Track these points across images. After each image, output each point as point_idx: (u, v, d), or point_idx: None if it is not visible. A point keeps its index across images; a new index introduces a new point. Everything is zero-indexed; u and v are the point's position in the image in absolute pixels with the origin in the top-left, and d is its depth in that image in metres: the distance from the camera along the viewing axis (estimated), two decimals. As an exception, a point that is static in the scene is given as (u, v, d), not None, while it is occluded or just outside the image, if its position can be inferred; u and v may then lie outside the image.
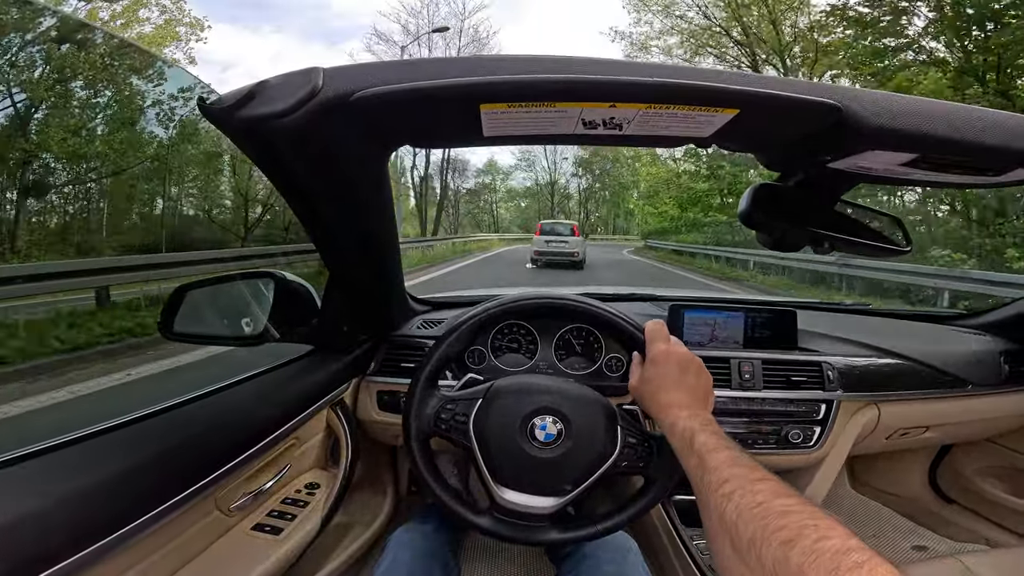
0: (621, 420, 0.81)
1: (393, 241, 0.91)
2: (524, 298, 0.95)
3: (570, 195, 46.09)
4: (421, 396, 0.84)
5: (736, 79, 0.46)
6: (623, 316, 0.89)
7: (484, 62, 0.44)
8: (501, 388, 0.83)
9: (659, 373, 0.74)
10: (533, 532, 0.79)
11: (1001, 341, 1.40)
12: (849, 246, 0.84)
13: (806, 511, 0.43)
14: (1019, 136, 0.55)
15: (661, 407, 0.70)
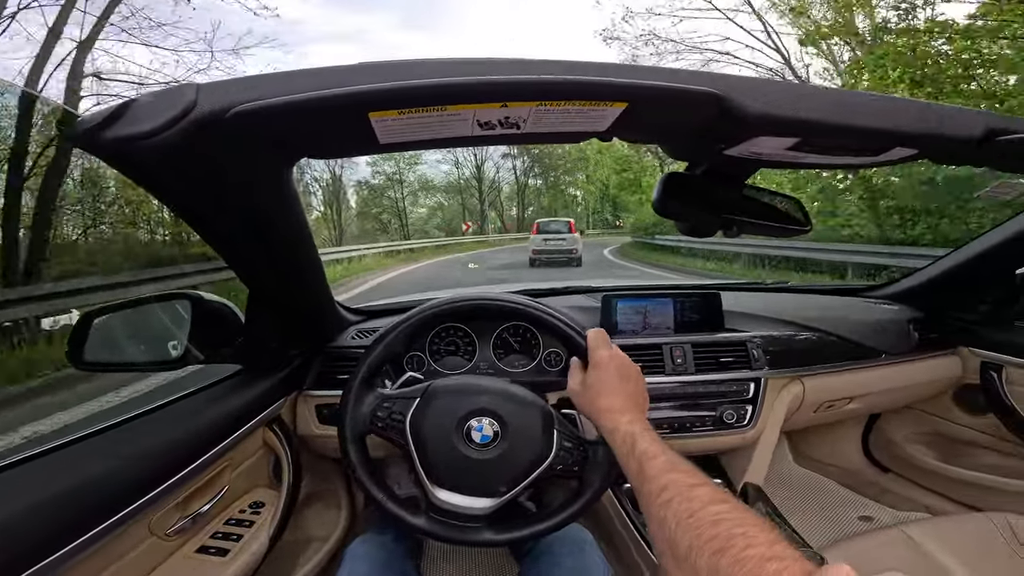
0: (558, 424, 0.82)
1: (310, 254, 0.89)
2: (459, 300, 0.94)
3: (501, 188, 39.01)
4: (357, 395, 0.84)
5: (622, 72, 0.46)
6: (566, 319, 0.89)
7: (369, 70, 0.43)
8: (439, 388, 0.83)
9: (601, 378, 0.76)
10: (467, 532, 0.80)
11: (909, 310, 1.47)
12: (755, 228, 0.88)
13: (736, 518, 0.46)
14: (892, 117, 0.60)
15: (602, 411, 0.71)
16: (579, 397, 0.77)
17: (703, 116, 0.53)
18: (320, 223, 31.13)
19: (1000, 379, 1.32)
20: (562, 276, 11.18)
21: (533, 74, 0.44)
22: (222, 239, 0.74)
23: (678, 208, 0.84)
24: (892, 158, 0.69)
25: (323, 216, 31.47)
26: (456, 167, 35.60)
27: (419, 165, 35.51)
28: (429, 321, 0.92)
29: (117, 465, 0.70)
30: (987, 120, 0.61)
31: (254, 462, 1.06)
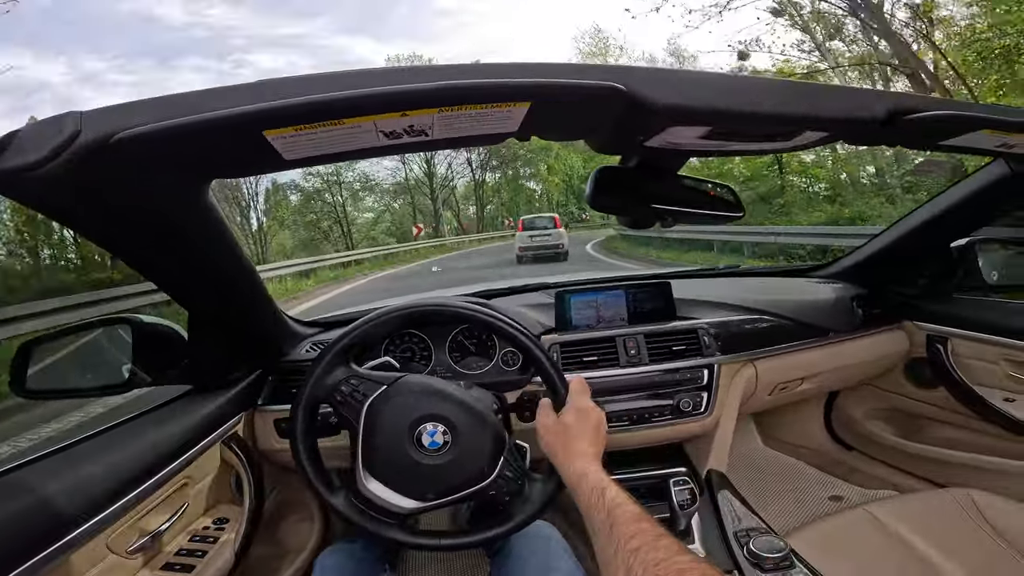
0: (507, 451, 0.82)
1: (244, 270, 0.89)
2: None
3: (455, 185, 34.70)
4: (329, 364, 0.84)
5: (522, 72, 0.47)
6: (553, 364, 0.87)
7: (259, 89, 0.43)
8: (410, 383, 0.83)
9: (579, 423, 0.77)
10: (379, 525, 0.80)
11: (852, 287, 1.50)
12: (690, 217, 0.91)
13: (700, 569, 0.50)
14: (799, 101, 0.62)
15: (575, 454, 0.73)
16: (552, 435, 0.78)
17: (612, 110, 0.55)
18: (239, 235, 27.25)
19: (946, 351, 1.35)
20: (549, 271, 10.95)
21: (429, 81, 0.45)
22: (145, 263, 0.74)
23: (611, 202, 0.86)
24: (805, 141, 0.71)
25: (240, 228, 27.07)
26: (403, 163, 30.19)
27: (358, 163, 28.79)
28: (373, 332, 0.91)
29: (69, 485, 0.71)
30: (892, 100, 0.63)
31: (215, 479, 1.06)
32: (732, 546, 0.96)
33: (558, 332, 1.26)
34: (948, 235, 1.32)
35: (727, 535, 0.99)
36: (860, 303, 1.44)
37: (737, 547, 0.94)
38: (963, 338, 1.33)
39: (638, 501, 0.63)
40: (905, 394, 1.55)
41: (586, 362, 1.19)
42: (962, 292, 1.37)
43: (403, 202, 32.22)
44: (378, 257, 17.88)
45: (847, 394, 1.73)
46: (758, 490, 1.69)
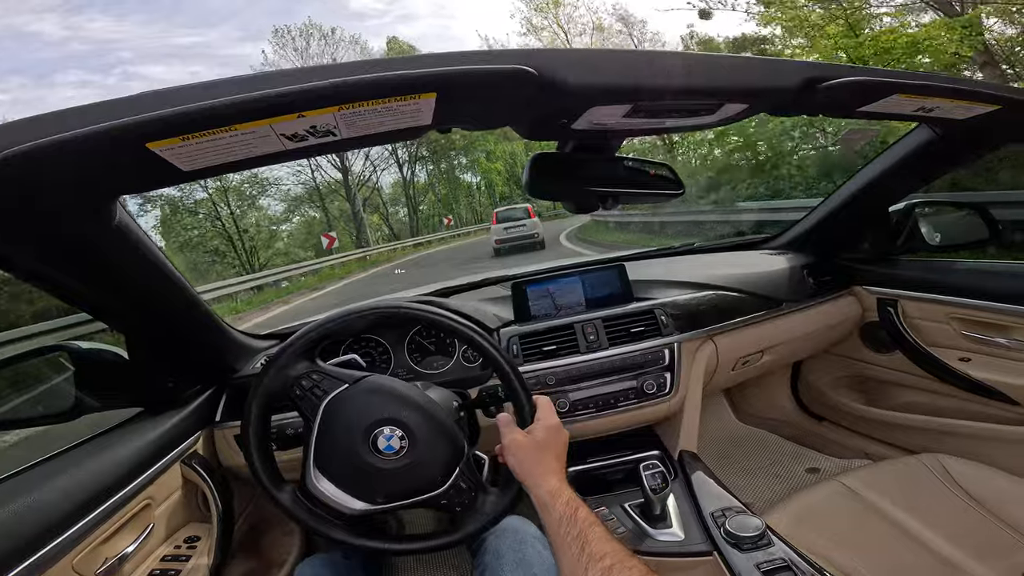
0: (463, 462, 0.81)
1: (175, 288, 0.88)
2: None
3: (381, 186, 29.66)
4: (291, 357, 0.81)
5: (422, 62, 0.47)
6: (521, 381, 0.84)
7: (139, 100, 0.43)
8: (372, 384, 0.81)
9: (551, 441, 0.77)
10: (322, 523, 0.79)
11: (801, 256, 1.53)
12: (631, 197, 0.92)
13: None
14: (715, 74, 0.63)
15: (549, 470, 0.73)
16: (524, 452, 0.76)
17: (525, 94, 0.55)
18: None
19: (897, 314, 1.38)
20: (528, 260, 10.96)
21: (320, 79, 0.44)
22: (63, 289, 0.73)
23: (550, 188, 0.86)
24: (728, 115, 0.73)
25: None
26: (308, 163, 25.03)
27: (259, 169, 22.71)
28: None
29: (23, 510, 0.70)
30: (807, 69, 0.65)
31: (179, 498, 1.05)
32: (709, 527, 0.96)
33: (518, 324, 1.27)
34: (884, 201, 1.36)
35: (703, 516, 0.99)
36: (810, 272, 1.47)
37: (714, 527, 0.95)
38: (911, 299, 1.36)
39: (605, 524, 0.66)
40: (865, 360, 1.58)
41: (546, 352, 1.19)
42: (907, 255, 1.40)
43: (312, 210, 26.65)
44: (296, 277, 14.22)
45: (811, 364, 1.76)
46: (736, 467, 1.71)
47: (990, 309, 1.19)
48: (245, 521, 1.27)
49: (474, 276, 1.57)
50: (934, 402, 1.41)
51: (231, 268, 20.96)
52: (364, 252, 19.09)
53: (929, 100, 0.77)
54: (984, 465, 1.04)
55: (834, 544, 0.92)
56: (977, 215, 1.34)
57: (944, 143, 1.08)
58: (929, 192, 1.39)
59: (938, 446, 1.23)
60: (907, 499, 1.00)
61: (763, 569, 0.83)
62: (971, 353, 1.28)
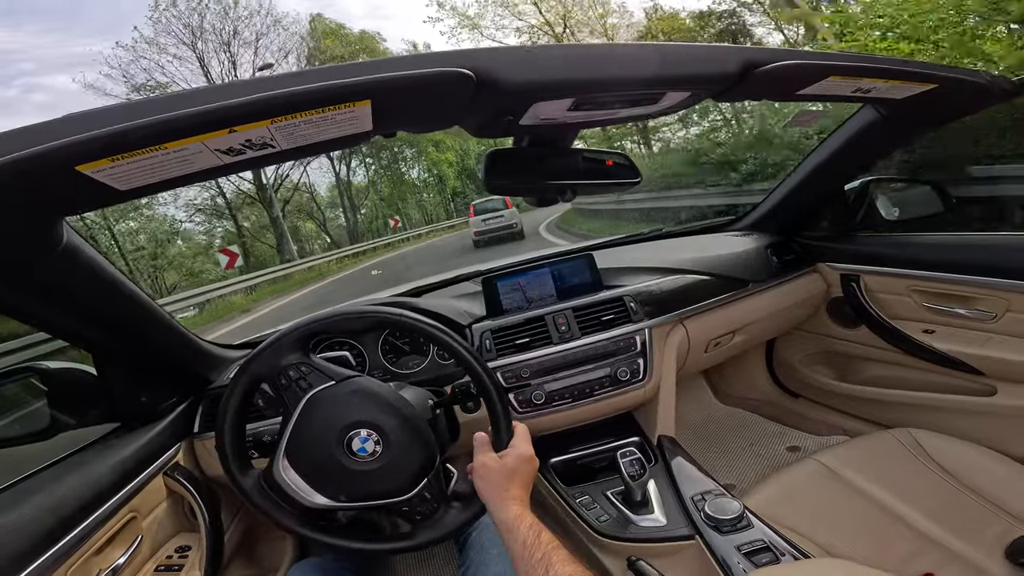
0: (432, 473, 0.82)
1: (134, 303, 0.89)
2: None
3: (315, 191, 25.79)
4: (283, 347, 0.81)
5: (352, 71, 0.48)
6: (504, 404, 0.84)
7: (64, 124, 0.43)
8: (357, 384, 0.82)
9: (521, 469, 0.78)
10: (280, 513, 0.80)
11: (764, 236, 1.56)
12: (589, 188, 0.94)
13: None
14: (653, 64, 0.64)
15: (514, 497, 0.74)
16: (493, 475, 0.77)
17: (465, 95, 0.55)
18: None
19: (859, 288, 1.42)
20: (510, 252, 10.87)
21: (245, 95, 0.45)
22: (21, 312, 0.73)
23: (508, 183, 0.87)
24: (673, 103, 0.75)
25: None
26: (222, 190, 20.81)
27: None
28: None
29: (8, 528, 0.70)
30: (743, 54, 0.67)
31: (166, 510, 1.06)
32: (690, 511, 0.97)
33: (490, 318, 1.28)
34: (838, 180, 1.39)
35: (684, 501, 1.01)
36: (774, 251, 1.49)
37: (695, 511, 0.96)
38: (872, 274, 1.39)
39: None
40: (834, 335, 1.60)
41: (519, 345, 1.21)
42: (865, 231, 1.43)
43: (219, 223, 21.97)
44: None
45: (783, 342, 1.79)
46: (718, 448, 1.74)
47: (949, 280, 1.21)
48: (237, 528, 1.28)
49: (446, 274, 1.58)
50: (902, 375, 1.43)
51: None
52: (287, 269, 15.31)
53: (865, 81, 0.80)
54: (955, 438, 1.06)
55: (812, 523, 0.94)
56: (932, 190, 1.37)
57: (888, 122, 1.10)
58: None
59: (910, 419, 1.25)
60: (882, 475, 1.02)
61: (744, 551, 0.85)
62: (935, 325, 1.30)
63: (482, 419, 1.09)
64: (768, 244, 1.51)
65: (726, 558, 0.85)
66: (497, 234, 13.37)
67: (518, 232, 13.37)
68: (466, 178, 27.88)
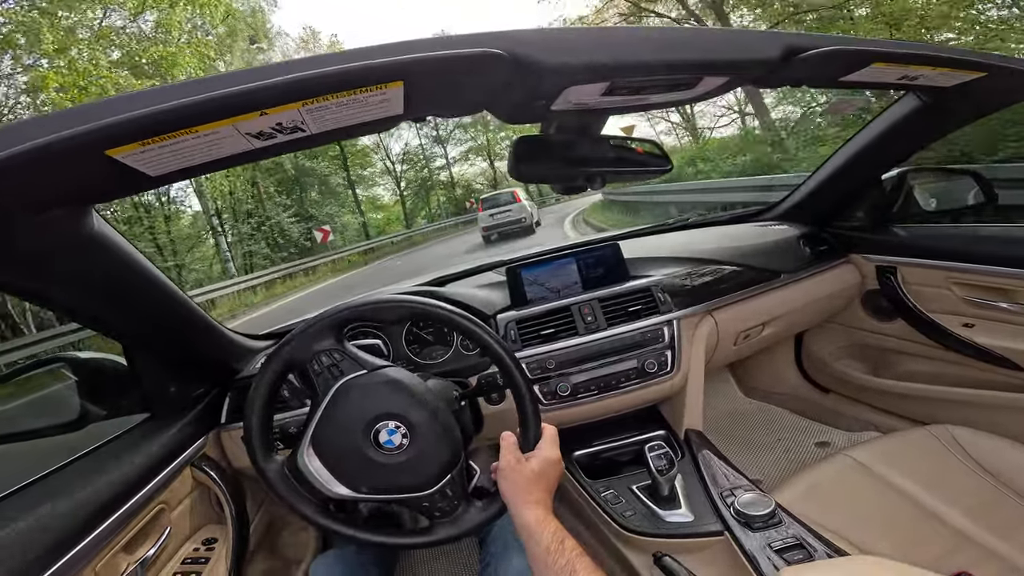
0: (456, 469, 0.81)
1: (165, 293, 0.89)
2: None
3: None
4: (320, 331, 0.81)
5: (385, 51, 0.47)
6: (534, 401, 0.83)
7: (96, 108, 0.42)
8: (389, 376, 0.81)
9: (546, 472, 0.78)
10: (300, 502, 0.80)
11: (796, 227, 1.52)
12: (618, 176, 0.92)
13: None
14: (693, 48, 0.62)
15: (538, 500, 0.74)
16: (517, 476, 0.77)
17: (499, 78, 0.54)
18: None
19: (896, 281, 1.37)
20: (522, 246, 10.69)
21: (277, 76, 0.44)
22: (52, 302, 0.74)
23: (535, 171, 0.86)
24: (709, 88, 0.72)
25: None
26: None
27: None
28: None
29: (41, 520, 0.71)
30: (785, 40, 0.65)
31: (194, 501, 1.06)
32: (719, 506, 0.95)
33: (515, 309, 1.27)
34: (876, 169, 1.35)
35: (712, 496, 0.99)
36: (806, 242, 1.46)
37: (724, 507, 0.94)
38: (911, 266, 1.34)
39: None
40: (867, 329, 1.56)
41: (544, 335, 1.19)
42: (902, 221, 1.39)
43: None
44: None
45: (813, 335, 1.75)
46: (744, 444, 1.71)
47: (992, 273, 1.17)
48: (261, 520, 1.29)
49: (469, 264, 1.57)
50: (938, 370, 1.39)
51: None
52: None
53: (911, 68, 0.77)
54: (994, 435, 1.03)
55: (846, 520, 0.91)
56: (972, 180, 1.32)
57: (932, 110, 1.06)
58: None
59: (945, 415, 1.21)
60: (918, 472, 0.98)
61: (775, 548, 0.83)
62: (975, 319, 1.26)
63: (506, 411, 1.08)
64: (800, 234, 1.47)
65: (756, 555, 0.83)
66: (505, 229, 13.29)
67: (528, 227, 13.29)
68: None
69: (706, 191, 9.18)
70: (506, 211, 13.42)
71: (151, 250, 14.73)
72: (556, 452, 0.80)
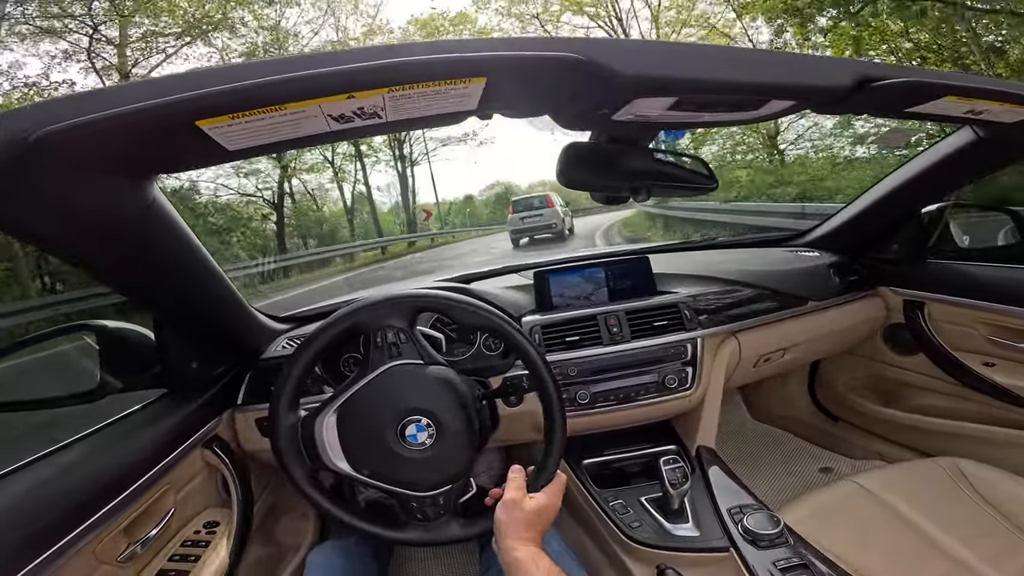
0: (457, 483, 0.82)
1: (206, 269, 0.88)
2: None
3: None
4: (394, 308, 0.81)
5: (475, 46, 0.47)
6: (562, 450, 0.83)
7: (189, 78, 0.43)
8: (440, 373, 0.82)
9: (545, 517, 0.78)
10: (294, 461, 0.80)
11: (827, 255, 1.51)
12: (664, 190, 0.91)
13: None
14: (766, 71, 0.61)
15: (532, 538, 0.74)
16: (519, 513, 0.76)
17: (573, 83, 0.54)
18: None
19: (923, 316, 1.37)
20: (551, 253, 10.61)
21: (374, 60, 0.44)
22: (96, 267, 0.73)
23: (582, 178, 0.85)
24: (773, 111, 0.71)
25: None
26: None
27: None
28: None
29: (48, 496, 0.70)
30: (859, 68, 0.64)
31: (200, 483, 1.05)
32: (726, 523, 0.95)
33: (540, 313, 1.26)
34: (919, 201, 1.33)
35: (720, 512, 0.99)
36: (836, 271, 1.45)
37: (732, 524, 0.94)
38: (939, 302, 1.34)
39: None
40: (886, 361, 1.56)
41: (569, 342, 1.18)
42: (936, 257, 1.37)
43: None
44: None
45: (829, 364, 1.74)
46: (748, 464, 1.70)
47: (1020, 315, 1.17)
48: (262, 506, 1.28)
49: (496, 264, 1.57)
50: (954, 405, 1.39)
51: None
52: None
53: (980, 103, 0.75)
54: (1001, 470, 1.03)
55: (849, 544, 0.92)
56: (1009, 219, 1.31)
57: (987, 145, 1.05)
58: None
59: (955, 449, 1.21)
60: (922, 501, 0.99)
61: (780, 567, 0.83)
62: (996, 358, 1.26)
63: (522, 413, 1.10)
64: (831, 263, 1.46)
65: (760, 573, 0.83)
66: (535, 235, 13.13)
67: (559, 232, 13.07)
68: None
69: (741, 212, 9.07)
70: (537, 215, 13.16)
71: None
72: (559, 501, 0.81)
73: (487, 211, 32.63)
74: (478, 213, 32.82)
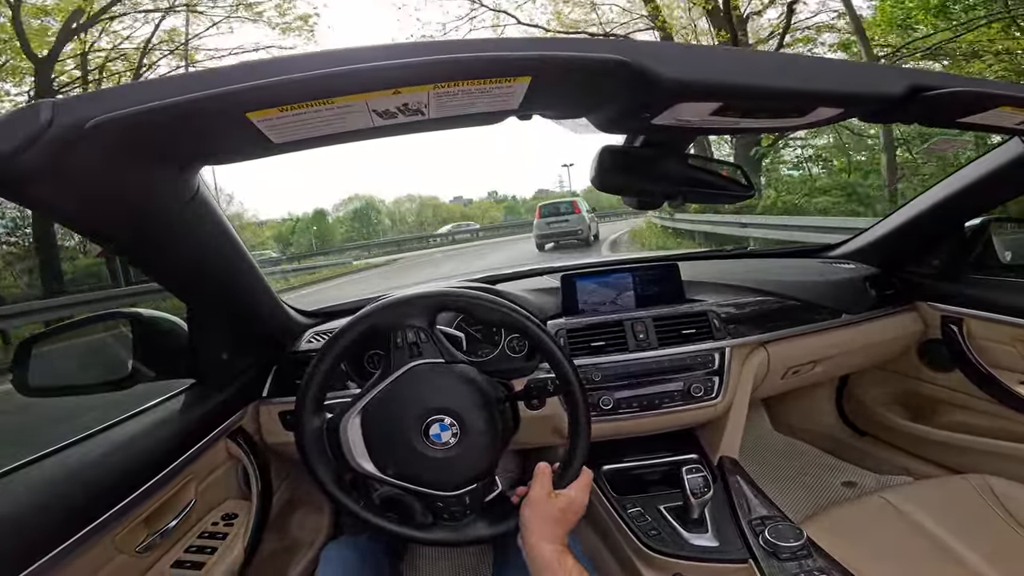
0: (483, 482, 0.81)
1: (242, 262, 0.88)
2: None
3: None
4: (414, 306, 0.81)
5: (521, 45, 0.46)
6: (587, 447, 0.82)
7: (240, 70, 0.43)
8: (462, 372, 0.81)
9: (571, 515, 0.77)
10: (320, 464, 0.80)
11: (864, 268, 1.47)
12: (700, 196, 0.89)
13: None
14: (814, 77, 0.60)
15: (556, 536, 0.73)
16: (543, 509, 0.76)
17: (615, 84, 0.53)
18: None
19: (961, 332, 1.33)
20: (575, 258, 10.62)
21: (421, 55, 0.44)
22: (136, 255, 0.74)
23: (618, 182, 0.84)
24: (819, 118, 0.69)
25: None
26: None
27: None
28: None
29: (74, 484, 0.71)
30: (910, 77, 0.62)
31: (221, 475, 1.06)
32: (747, 535, 0.94)
33: (565, 317, 1.25)
34: (962, 215, 1.30)
35: (741, 523, 0.97)
36: (873, 284, 1.41)
37: (752, 536, 0.93)
38: (978, 319, 1.30)
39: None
40: (919, 377, 1.52)
41: (594, 347, 1.17)
42: (977, 273, 1.34)
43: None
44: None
45: (859, 378, 1.71)
46: (770, 476, 1.67)
47: None
48: (280, 499, 1.29)
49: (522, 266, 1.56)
50: (984, 422, 1.36)
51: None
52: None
53: None
54: None
55: (873, 559, 0.90)
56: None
57: None
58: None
59: (985, 467, 1.18)
60: (951, 518, 0.96)
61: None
62: None
63: (544, 417, 1.09)
64: (867, 276, 1.43)
65: None
66: (560, 240, 13.22)
67: (584, 239, 13.15)
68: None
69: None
70: (563, 221, 13.31)
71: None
72: (586, 498, 0.79)
73: (342, 230, 30.02)
74: (331, 233, 29.57)
